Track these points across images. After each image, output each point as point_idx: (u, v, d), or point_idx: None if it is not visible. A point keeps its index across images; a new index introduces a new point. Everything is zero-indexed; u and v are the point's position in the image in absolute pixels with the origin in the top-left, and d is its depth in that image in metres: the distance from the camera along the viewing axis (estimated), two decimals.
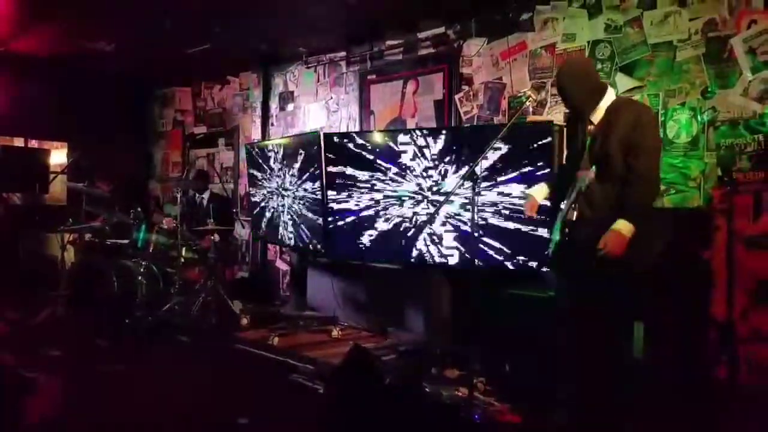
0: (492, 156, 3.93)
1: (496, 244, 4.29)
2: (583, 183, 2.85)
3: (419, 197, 4.82)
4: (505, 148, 4.25)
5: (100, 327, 5.28)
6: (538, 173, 4.22)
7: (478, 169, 3.08)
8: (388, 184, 5.05)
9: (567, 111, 3.29)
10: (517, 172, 4.25)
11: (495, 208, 4.27)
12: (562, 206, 3.06)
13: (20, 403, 2.76)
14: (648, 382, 3.66)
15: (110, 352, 4.74)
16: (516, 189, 4.28)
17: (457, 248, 4.53)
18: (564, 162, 3.38)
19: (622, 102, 3.11)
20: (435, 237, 4.59)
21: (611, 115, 2.99)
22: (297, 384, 4.00)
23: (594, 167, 2.94)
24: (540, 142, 4.23)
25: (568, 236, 3.03)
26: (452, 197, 3.23)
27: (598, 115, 3.04)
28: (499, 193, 4.27)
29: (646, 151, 2.88)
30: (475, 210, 3.08)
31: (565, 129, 3.41)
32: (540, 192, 3.30)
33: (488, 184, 4.27)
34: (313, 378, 4.01)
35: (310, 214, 5.65)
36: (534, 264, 4.29)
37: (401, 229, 4.87)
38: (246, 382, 4.13)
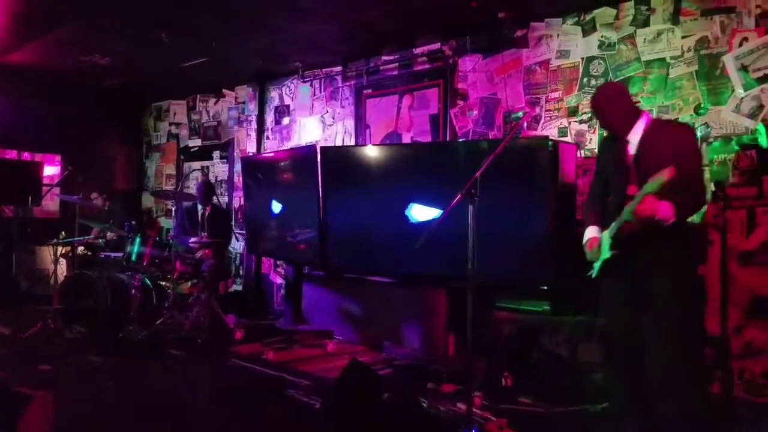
0: (488, 171, 3.95)
1: (493, 258, 4.30)
2: (655, 185, 2.76)
3: (415, 210, 4.84)
4: (501, 163, 4.28)
5: (92, 341, 5.24)
6: (534, 188, 4.26)
7: (475, 185, 3.07)
8: (383, 197, 5.06)
9: (605, 133, 3.41)
10: (514, 187, 4.28)
11: (491, 221, 4.29)
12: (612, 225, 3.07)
13: (12, 419, 2.73)
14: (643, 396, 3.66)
15: (103, 366, 4.70)
16: (512, 203, 4.31)
17: (453, 262, 4.52)
18: (595, 184, 3.41)
19: (660, 121, 3.28)
20: (431, 250, 4.58)
21: (652, 133, 3.07)
22: (293, 399, 3.97)
23: (642, 183, 2.93)
24: (536, 157, 4.27)
25: (620, 250, 3.06)
26: (450, 212, 3.23)
27: (636, 135, 3.09)
28: (495, 207, 4.28)
29: (690, 165, 2.96)
30: (472, 224, 3.08)
31: (598, 151, 3.51)
32: (594, 230, 3.25)
33: (484, 198, 4.29)
34: (309, 393, 3.98)
35: (305, 228, 5.65)
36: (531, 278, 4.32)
37: (397, 242, 4.87)
38: (241, 397, 4.10)
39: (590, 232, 3.25)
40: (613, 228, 3.03)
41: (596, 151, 3.56)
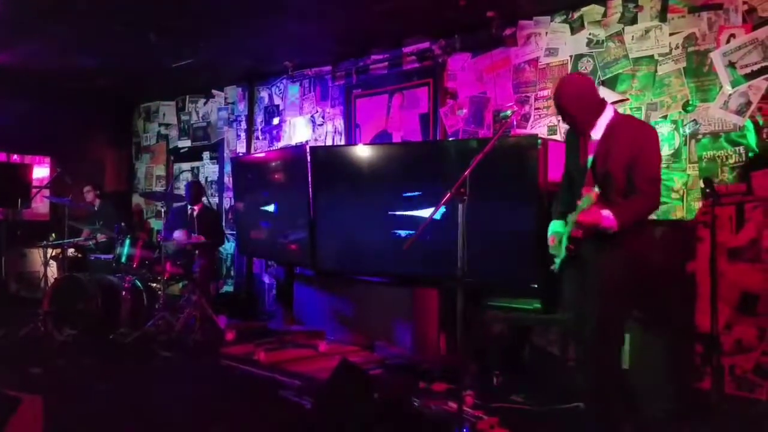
0: (478, 170, 3.98)
1: (483, 257, 4.30)
2: (587, 202, 2.83)
3: (405, 211, 4.84)
4: (491, 162, 4.28)
5: (83, 343, 5.21)
6: (524, 187, 4.26)
7: (465, 184, 3.07)
8: (374, 197, 5.05)
9: (567, 127, 3.29)
10: (504, 185, 4.28)
11: (481, 220, 4.29)
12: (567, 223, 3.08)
13: (1, 421, 2.71)
14: (634, 394, 3.68)
15: (93, 369, 4.67)
16: (502, 202, 4.31)
17: (443, 261, 4.52)
18: (564, 178, 3.37)
19: (622, 119, 3.11)
20: (422, 250, 4.58)
21: (612, 132, 2.99)
22: (284, 400, 3.96)
23: (597, 185, 2.93)
24: (525, 156, 4.27)
25: (573, 253, 3.07)
26: (439, 211, 3.23)
27: (597, 132, 3.03)
28: (484, 206, 4.28)
29: (645, 168, 2.90)
30: (462, 223, 3.08)
31: (565, 144, 3.39)
32: (558, 225, 3.25)
33: (474, 197, 4.29)
34: (301, 393, 3.97)
35: (296, 228, 5.63)
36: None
37: (388, 242, 4.87)
38: (232, 398, 4.09)
39: (553, 226, 3.25)
40: (567, 229, 3.05)
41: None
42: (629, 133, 2.97)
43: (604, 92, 4.63)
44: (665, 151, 4.35)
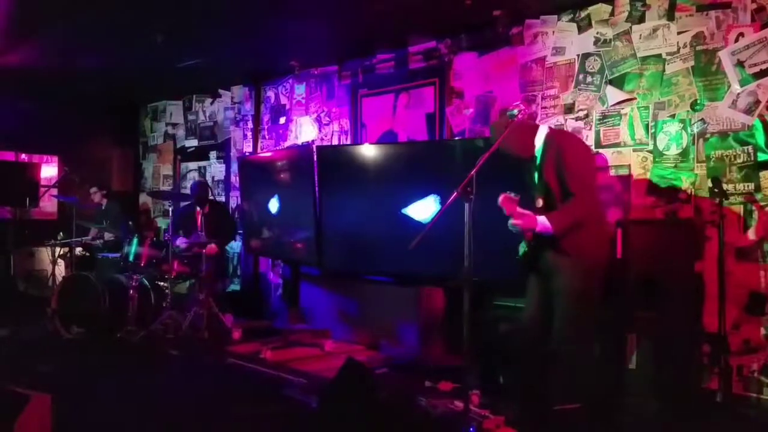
0: (484, 169, 3.97)
1: (490, 256, 4.29)
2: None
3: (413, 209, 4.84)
4: (497, 161, 4.26)
5: (90, 342, 5.24)
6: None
7: (471, 183, 3.06)
8: (379, 196, 5.05)
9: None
10: (510, 184, 4.26)
11: (487, 219, 4.28)
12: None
13: (10, 419, 2.73)
14: (641, 394, 3.67)
15: (101, 367, 4.69)
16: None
17: (449, 261, 4.51)
18: None
19: (553, 134, 3.37)
20: (428, 249, 4.57)
21: (545, 147, 3.26)
22: (290, 398, 3.97)
23: (543, 196, 3.20)
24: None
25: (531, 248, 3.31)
26: (445, 210, 3.23)
27: (537, 149, 3.32)
28: (491, 206, 4.27)
29: (575, 174, 3.11)
30: (469, 222, 3.08)
31: None
32: None
33: (481, 195, 4.28)
34: (306, 392, 3.98)
35: (302, 227, 5.64)
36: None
37: (394, 241, 4.86)
38: (238, 396, 4.10)
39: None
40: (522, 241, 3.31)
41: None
42: (555, 145, 3.23)
43: (611, 91, 4.63)
44: (672, 150, 4.33)
